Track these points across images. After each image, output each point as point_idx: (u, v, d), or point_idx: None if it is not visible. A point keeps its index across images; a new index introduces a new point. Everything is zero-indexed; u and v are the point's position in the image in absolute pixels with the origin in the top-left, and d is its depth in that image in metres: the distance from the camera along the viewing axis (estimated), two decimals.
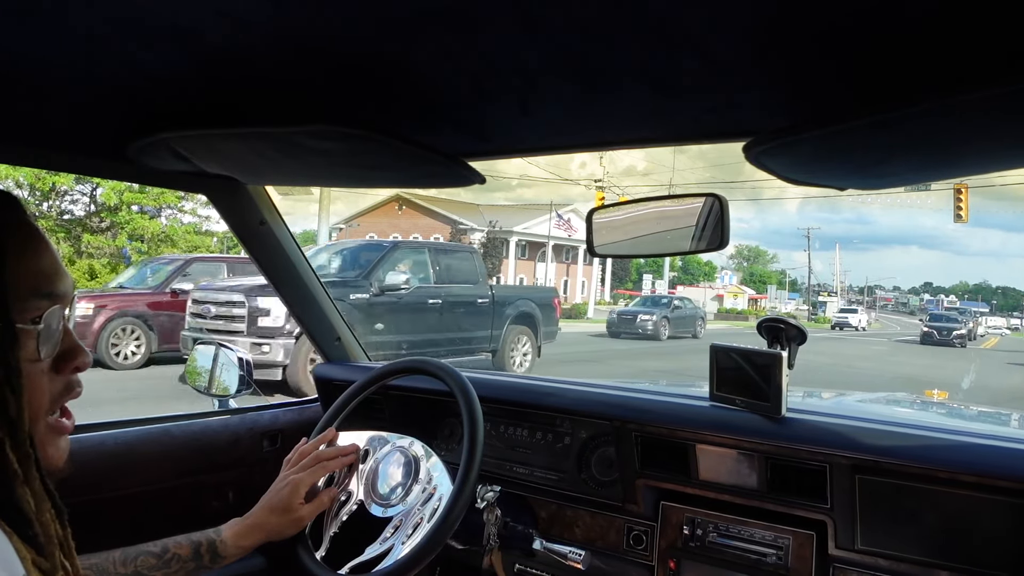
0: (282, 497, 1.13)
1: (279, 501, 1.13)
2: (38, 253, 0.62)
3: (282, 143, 0.85)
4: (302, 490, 1.14)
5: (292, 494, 1.13)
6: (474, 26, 0.56)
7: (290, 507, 1.12)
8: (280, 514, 1.12)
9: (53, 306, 0.62)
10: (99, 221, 17.74)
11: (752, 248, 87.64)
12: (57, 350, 0.63)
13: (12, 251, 0.59)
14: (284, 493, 1.13)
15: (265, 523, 1.10)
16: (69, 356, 0.65)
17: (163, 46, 0.62)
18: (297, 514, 1.13)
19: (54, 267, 0.63)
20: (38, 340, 0.60)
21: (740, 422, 1.23)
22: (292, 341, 7.39)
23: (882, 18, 0.51)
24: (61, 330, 0.63)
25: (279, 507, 1.12)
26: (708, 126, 0.83)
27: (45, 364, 0.62)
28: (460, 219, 36.98)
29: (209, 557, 1.04)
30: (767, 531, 1.22)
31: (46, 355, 0.62)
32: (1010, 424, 1.75)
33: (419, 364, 1.32)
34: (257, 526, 1.10)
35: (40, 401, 0.62)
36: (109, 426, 1.39)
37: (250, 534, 1.09)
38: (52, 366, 0.63)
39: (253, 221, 1.50)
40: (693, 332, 23.23)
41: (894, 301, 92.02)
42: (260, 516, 1.11)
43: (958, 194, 15.23)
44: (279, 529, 1.11)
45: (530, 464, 1.49)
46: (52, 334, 0.62)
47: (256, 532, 1.09)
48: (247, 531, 1.09)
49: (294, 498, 1.13)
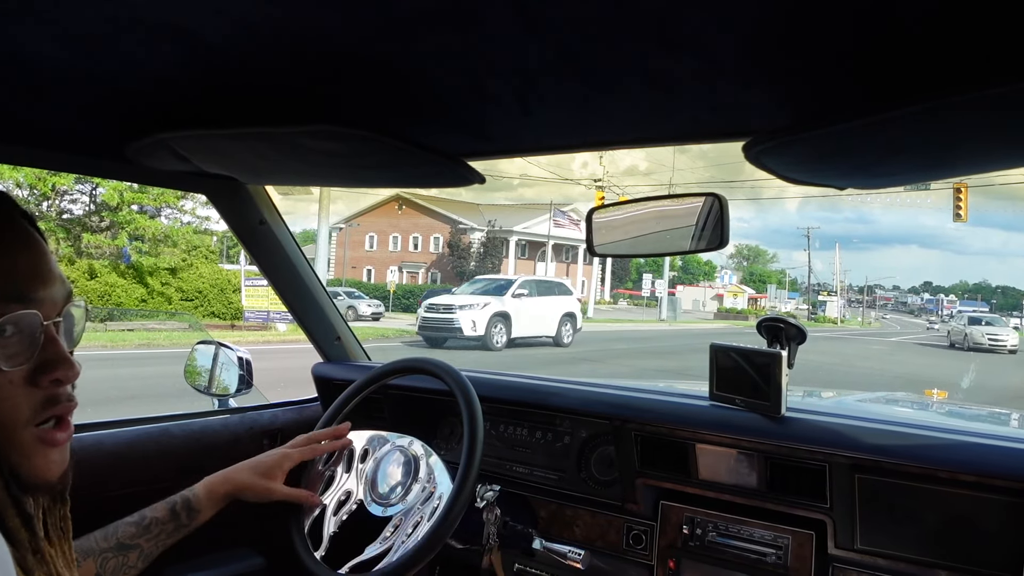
0: (266, 461, 1.16)
1: (260, 463, 1.15)
2: (13, 253, 0.59)
3: (282, 143, 0.85)
4: (287, 464, 1.17)
5: (276, 463, 1.16)
6: (474, 26, 0.56)
7: (268, 473, 1.14)
8: (256, 475, 1.14)
9: (24, 311, 0.58)
10: (99, 221, 17.74)
11: (752, 247, 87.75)
12: (34, 360, 0.59)
13: None
14: (269, 459, 1.17)
15: (236, 476, 1.12)
16: (48, 367, 0.60)
17: (163, 46, 0.62)
18: (269, 484, 1.14)
19: (33, 270, 0.60)
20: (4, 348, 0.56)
21: (740, 421, 1.23)
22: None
23: (882, 18, 0.51)
24: (39, 339, 0.59)
25: (258, 468, 1.14)
26: (708, 126, 0.83)
27: (18, 374, 0.58)
28: (460, 219, 37.00)
29: (185, 514, 1.05)
30: (767, 531, 1.22)
31: (12, 365, 0.57)
32: (1010, 424, 1.75)
33: (419, 363, 1.32)
34: (229, 478, 1.12)
35: (13, 413, 0.58)
36: (108, 425, 1.39)
37: (221, 484, 1.10)
38: (27, 376, 0.59)
39: (253, 221, 1.51)
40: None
41: (894, 300, 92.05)
42: (237, 469, 1.14)
43: (958, 193, 15.23)
44: (247, 487, 1.12)
45: (530, 463, 1.49)
46: (18, 342, 0.58)
47: (227, 483, 1.11)
48: (220, 482, 1.11)
49: (277, 468, 1.16)
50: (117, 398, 6.82)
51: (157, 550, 1.01)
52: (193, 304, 17.64)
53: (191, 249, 18.66)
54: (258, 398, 1.73)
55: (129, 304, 16.39)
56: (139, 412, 1.49)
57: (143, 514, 1.02)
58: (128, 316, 15.45)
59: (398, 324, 21.84)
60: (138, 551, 0.98)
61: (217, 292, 18.02)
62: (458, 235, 36.54)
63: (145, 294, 17.13)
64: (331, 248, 34.11)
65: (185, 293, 17.79)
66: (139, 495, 1.39)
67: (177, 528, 1.04)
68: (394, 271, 39.04)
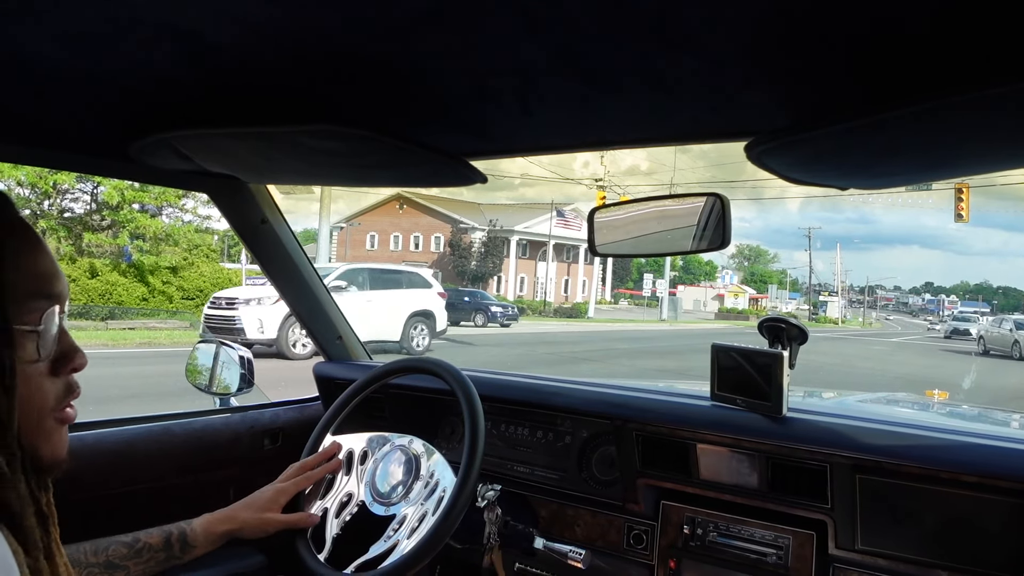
0: (262, 498, 1.18)
1: (256, 500, 1.17)
2: (36, 254, 0.62)
3: (283, 143, 0.85)
4: (282, 499, 1.19)
5: (271, 499, 1.18)
6: (474, 26, 0.56)
7: (264, 509, 1.17)
8: (253, 512, 1.15)
9: (52, 307, 0.62)
10: (100, 219, 17.75)
11: (753, 248, 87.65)
12: (55, 351, 0.63)
13: (12, 252, 0.59)
14: (265, 496, 1.19)
15: (236, 516, 1.14)
16: (67, 357, 0.64)
17: (165, 46, 0.62)
18: (268, 518, 1.16)
19: (52, 268, 0.63)
20: (38, 341, 0.60)
21: (741, 422, 1.23)
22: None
23: (882, 18, 0.51)
24: (58, 331, 0.63)
25: (254, 506, 1.16)
26: (709, 126, 0.83)
27: (44, 366, 0.62)
28: (461, 218, 36.98)
29: (179, 547, 1.05)
30: (767, 531, 1.22)
31: (45, 356, 0.62)
32: (1010, 424, 1.75)
33: (420, 363, 1.32)
34: (228, 517, 1.13)
35: (43, 402, 0.62)
36: (109, 424, 1.39)
37: (220, 524, 1.11)
38: (50, 368, 0.63)
39: (254, 219, 1.51)
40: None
41: (895, 301, 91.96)
42: (235, 509, 1.15)
43: (959, 194, 15.21)
44: (247, 526, 1.14)
45: (531, 463, 1.49)
46: (50, 335, 0.62)
47: (226, 523, 1.12)
48: (218, 521, 1.12)
49: (272, 503, 1.18)
50: (118, 396, 6.83)
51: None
52: (194, 303, 17.65)
53: (192, 248, 18.66)
54: (259, 397, 1.73)
55: (130, 303, 16.40)
56: (140, 411, 1.49)
57: (137, 536, 1.02)
58: (129, 315, 15.47)
59: None
60: (124, 572, 0.98)
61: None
62: (459, 234, 36.53)
63: (146, 293, 17.14)
64: (332, 247, 34.13)
65: (186, 292, 17.79)
66: (140, 493, 1.39)
67: (168, 559, 1.04)
68: None
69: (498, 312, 24.08)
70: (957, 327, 29.61)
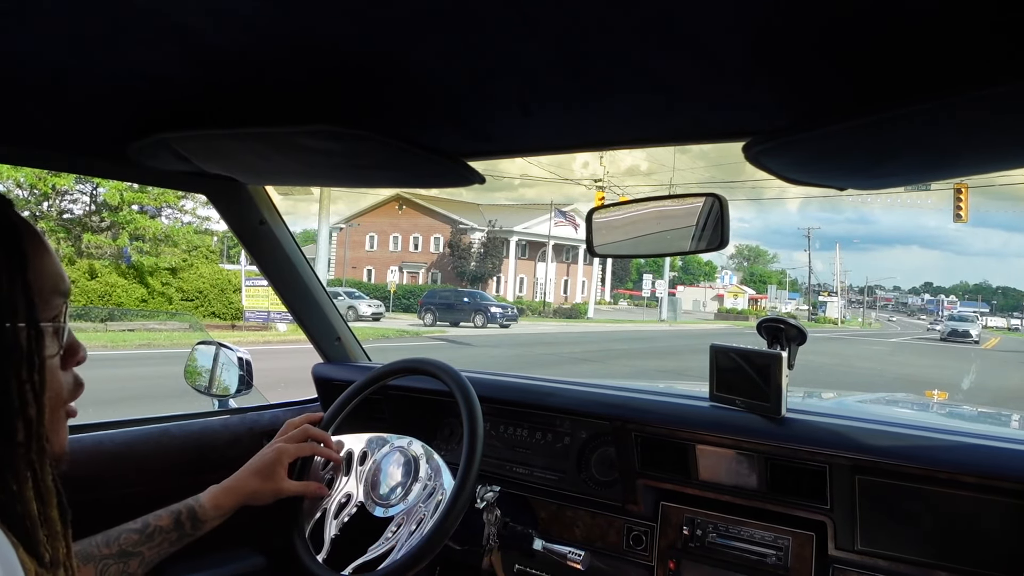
0: (266, 462, 1.14)
1: (262, 465, 1.13)
2: (48, 253, 0.64)
3: (282, 143, 0.85)
4: (285, 459, 1.15)
5: (276, 460, 1.14)
6: (474, 26, 0.56)
7: (273, 474, 1.13)
8: (261, 479, 1.12)
9: (65, 303, 0.64)
10: (99, 221, 17.75)
11: (752, 248, 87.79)
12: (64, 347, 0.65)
13: (30, 253, 0.60)
14: (268, 458, 1.14)
15: (244, 485, 1.11)
16: (72, 352, 0.67)
17: (163, 47, 0.62)
18: (278, 484, 1.13)
19: (61, 266, 0.65)
20: (58, 337, 0.63)
21: (740, 422, 1.23)
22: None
23: (881, 18, 0.51)
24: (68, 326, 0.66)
25: (262, 471, 1.13)
26: (708, 126, 0.83)
27: (56, 360, 0.64)
28: (460, 219, 36.98)
29: (190, 524, 1.04)
30: (767, 532, 1.22)
31: (60, 351, 0.64)
32: (1010, 424, 1.75)
33: (419, 364, 1.32)
34: (236, 488, 1.10)
35: (60, 395, 0.64)
36: (107, 426, 1.38)
37: (228, 496, 1.09)
38: (61, 362, 0.65)
39: (253, 221, 1.51)
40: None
41: (894, 301, 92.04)
42: (240, 478, 1.12)
43: (958, 194, 15.24)
44: (257, 493, 1.11)
45: (530, 464, 1.49)
46: (66, 330, 0.65)
47: (234, 494, 1.10)
48: (225, 493, 1.09)
49: (278, 465, 1.14)
50: (117, 399, 6.82)
51: (158, 558, 1.01)
52: (193, 304, 17.66)
53: (191, 249, 18.68)
54: (258, 399, 1.73)
55: (129, 304, 16.41)
56: (138, 413, 1.48)
57: (147, 521, 1.02)
58: (128, 316, 15.46)
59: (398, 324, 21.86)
60: (139, 558, 0.98)
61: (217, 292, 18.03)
62: (459, 235, 36.55)
63: (145, 294, 17.15)
64: (331, 248, 34.13)
65: (185, 293, 17.80)
66: (139, 495, 1.39)
67: (180, 537, 1.03)
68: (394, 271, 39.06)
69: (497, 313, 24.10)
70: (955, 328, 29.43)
